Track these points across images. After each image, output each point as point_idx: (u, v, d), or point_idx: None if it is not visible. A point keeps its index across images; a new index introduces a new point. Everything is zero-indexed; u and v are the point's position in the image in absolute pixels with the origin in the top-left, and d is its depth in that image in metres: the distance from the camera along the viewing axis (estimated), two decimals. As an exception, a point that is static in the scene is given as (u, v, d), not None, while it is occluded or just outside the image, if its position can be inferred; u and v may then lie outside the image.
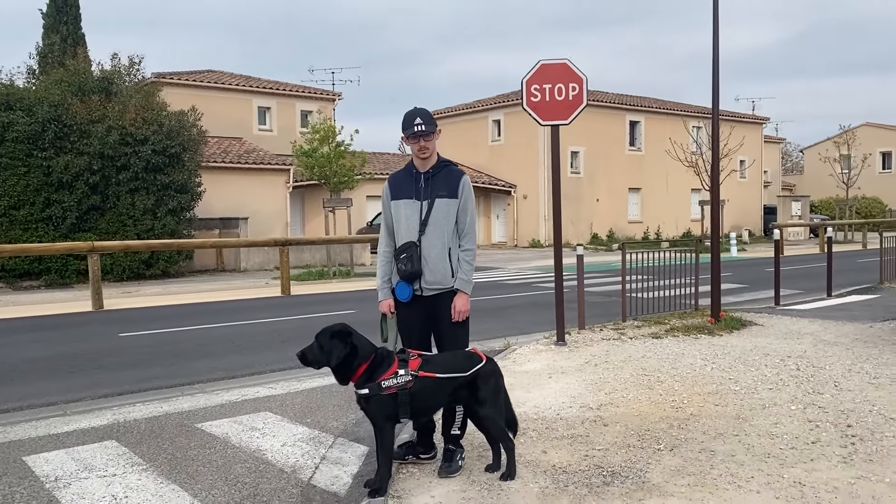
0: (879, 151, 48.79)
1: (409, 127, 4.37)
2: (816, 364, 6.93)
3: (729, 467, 4.21)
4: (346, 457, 4.81)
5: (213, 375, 7.49)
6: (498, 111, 34.67)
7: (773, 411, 5.34)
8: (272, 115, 29.92)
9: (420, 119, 4.36)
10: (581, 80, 8.04)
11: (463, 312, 4.37)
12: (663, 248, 11.57)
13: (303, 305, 13.28)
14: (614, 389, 6.12)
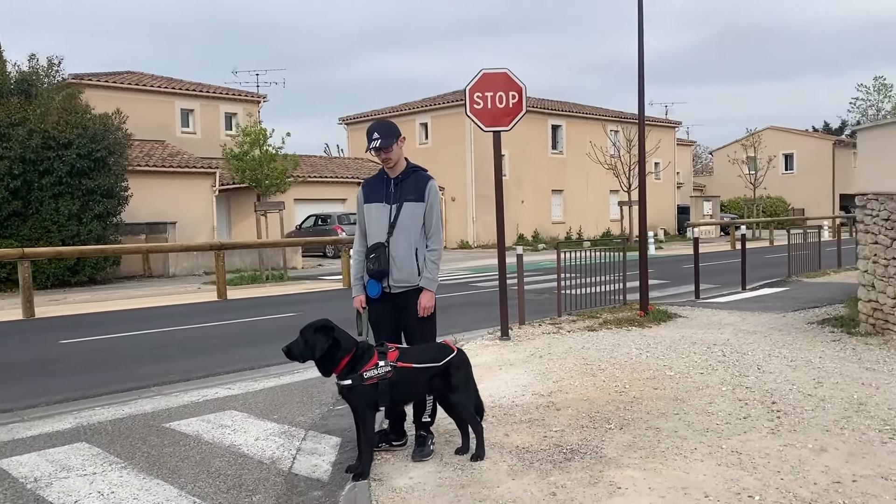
0: (782, 154, 51.68)
1: (368, 142, 4.68)
2: (740, 350, 7.59)
3: (674, 441, 4.70)
4: (321, 447, 5.06)
5: (167, 378, 7.55)
6: (425, 114, 35.09)
7: (706, 392, 5.90)
8: (195, 118, 29.43)
9: (377, 134, 4.66)
10: (520, 89, 8.49)
11: (428, 308, 4.71)
12: (598, 247, 12.16)
13: (242, 309, 13.29)
14: (561, 378, 6.57)
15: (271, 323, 11.46)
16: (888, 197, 8.41)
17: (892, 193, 8.33)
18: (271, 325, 11.17)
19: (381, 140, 4.63)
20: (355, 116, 38.93)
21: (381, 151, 4.65)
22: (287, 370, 7.80)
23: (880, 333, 8.48)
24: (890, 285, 8.39)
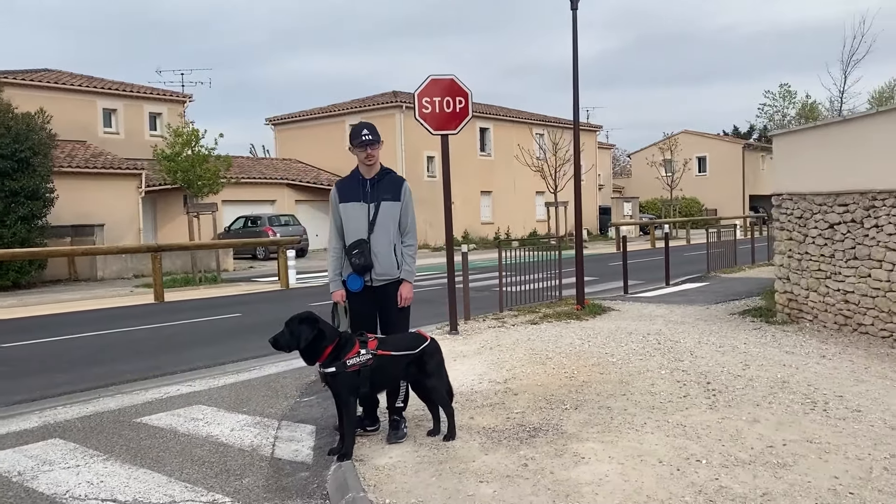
0: (696, 156, 53.95)
1: (357, 137, 4.99)
2: (672, 339, 8.20)
3: (625, 418, 5.18)
4: (298, 435, 5.32)
5: (123, 377, 7.60)
6: (355, 116, 35.11)
7: (647, 376, 6.43)
8: (118, 118, 28.68)
9: (367, 131, 5.00)
10: (466, 94, 8.89)
11: (408, 299, 5.05)
12: (536, 246, 12.69)
13: (182, 311, 13.22)
14: (513, 367, 7.00)
15: (216, 323, 11.49)
16: (801, 197, 9.23)
17: (804, 194, 9.15)
18: (217, 326, 11.22)
19: (372, 136, 4.95)
20: (283, 117, 38.63)
21: (368, 147, 4.95)
22: (245, 367, 7.95)
23: (795, 321, 9.29)
24: (803, 278, 9.21)
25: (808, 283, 9.11)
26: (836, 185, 8.43)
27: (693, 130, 56.10)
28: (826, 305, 8.71)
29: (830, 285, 8.61)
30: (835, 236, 8.50)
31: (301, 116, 37.63)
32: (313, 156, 36.32)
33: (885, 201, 7.57)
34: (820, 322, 8.83)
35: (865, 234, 7.89)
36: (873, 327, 7.83)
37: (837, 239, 8.44)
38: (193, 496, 4.19)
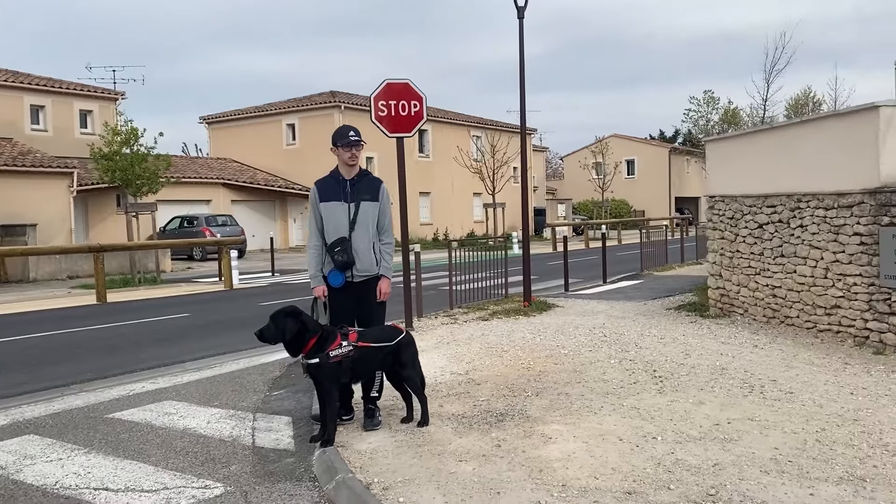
0: (625, 160, 55.67)
1: (344, 137, 5.24)
2: (617, 332, 8.71)
3: (583, 402, 5.59)
4: (275, 425, 5.53)
5: (83, 377, 7.61)
6: (292, 115, 34.97)
7: (598, 365, 6.88)
8: (47, 115, 27.80)
9: (353, 132, 5.27)
10: (421, 98, 9.21)
11: (387, 293, 5.33)
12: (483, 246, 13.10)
13: (129, 312, 13.09)
14: (471, 360, 7.35)
15: (167, 323, 11.46)
16: (732, 199, 9.90)
17: (735, 196, 9.81)
18: (169, 326, 11.20)
19: (358, 137, 5.22)
20: (217, 116, 38.07)
21: (353, 147, 5.21)
22: (206, 365, 8.05)
23: (727, 315, 9.95)
24: (734, 274, 9.88)
25: (739, 279, 9.77)
26: (765, 188, 9.10)
27: (622, 134, 57.85)
28: (756, 300, 9.38)
29: (760, 281, 9.28)
30: (763, 235, 9.16)
31: (236, 115, 37.18)
32: (249, 155, 35.96)
33: (809, 203, 8.24)
34: (750, 315, 9.49)
35: (791, 233, 8.56)
36: (799, 319, 8.50)
37: (766, 238, 9.10)
38: (184, 483, 4.38)
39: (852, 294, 7.51)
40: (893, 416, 5.02)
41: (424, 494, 3.90)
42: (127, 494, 4.21)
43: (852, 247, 7.47)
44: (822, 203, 7.97)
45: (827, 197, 7.89)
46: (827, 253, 7.90)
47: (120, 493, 4.24)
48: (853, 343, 7.42)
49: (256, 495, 4.15)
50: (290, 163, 34.67)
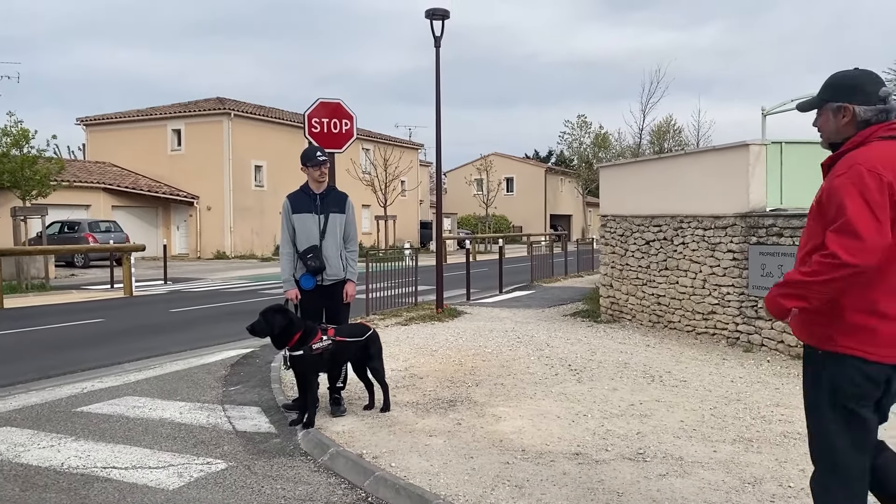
0: (505, 177, 58.01)
1: (313, 158, 5.90)
2: (528, 335, 9.74)
3: (519, 390, 6.51)
4: (248, 414, 6.07)
5: (22, 377, 7.73)
6: (178, 120, 34.26)
7: (522, 361, 7.84)
8: None
9: (320, 153, 5.94)
10: (352, 117, 9.90)
11: (353, 296, 6.03)
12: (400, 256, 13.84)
13: (34, 317, 12.86)
14: (406, 358, 8.12)
15: (84, 328, 11.44)
16: (623, 218, 11.22)
17: (625, 216, 11.14)
18: (87, 330, 11.20)
19: (324, 156, 5.89)
20: (96, 118, 36.62)
21: (322, 166, 5.87)
22: (145, 366, 8.32)
23: (617, 321, 11.25)
24: (624, 284, 11.19)
25: (627, 288, 11.09)
26: (652, 210, 10.45)
27: (502, 153, 60.23)
28: (643, 307, 10.71)
29: (646, 290, 10.61)
30: (650, 251, 10.50)
31: (118, 118, 35.95)
32: (131, 160, 34.87)
33: (690, 224, 9.62)
34: (637, 321, 10.81)
35: (675, 249, 9.92)
36: (680, 324, 9.85)
37: (652, 253, 10.45)
38: (186, 461, 4.89)
39: (726, 302, 8.90)
40: (766, 396, 6.26)
41: (411, 461, 4.66)
42: (137, 471, 4.69)
43: (726, 262, 8.86)
44: (702, 224, 9.35)
45: (705, 219, 9.27)
46: (705, 267, 9.27)
47: (129, 469, 4.71)
48: (727, 343, 8.79)
49: (259, 468, 4.75)
50: (174, 169, 33.94)
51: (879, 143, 2.70)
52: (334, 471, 4.65)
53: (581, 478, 4.32)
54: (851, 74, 2.84)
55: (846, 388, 2.68)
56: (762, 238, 8.31)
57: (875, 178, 2.57)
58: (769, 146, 8.65)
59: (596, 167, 15.29)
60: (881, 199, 2.55)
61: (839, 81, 2.84)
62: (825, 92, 2.87)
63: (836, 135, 2.84)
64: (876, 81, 2.78)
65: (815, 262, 2.62)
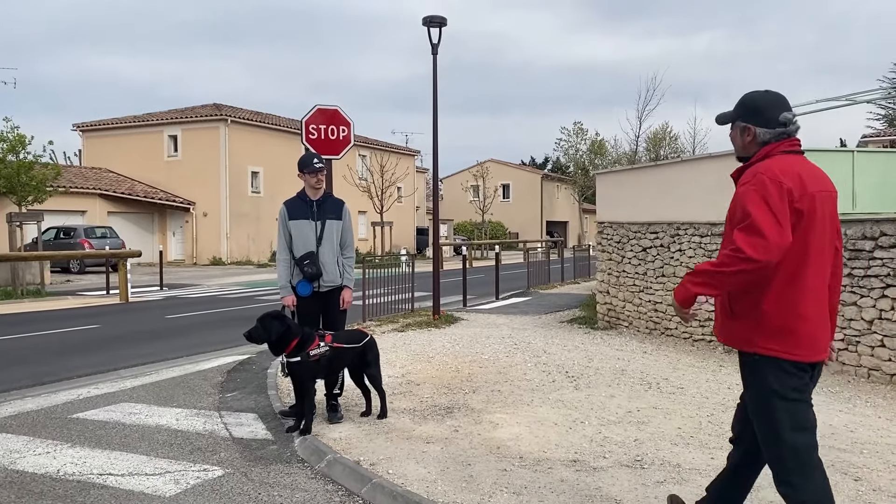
0: (501, 183, 58.14)
1: (310, 165, 5.89)
2: (524, 341, 9.74)
3: (516, 397, 6.51)
4: (245, 421, 6.06)
5: (20, 383, 7.71)
6: (175, 126, 34.25)
7: (519, 368, 7.84)
8: None
9: (317, 159, 5.94)
10: (349, 124, 9.91)
11: (349, 302, 6.02)
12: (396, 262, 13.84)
13: (30, 323, 12.81)
14: (404, 365, 8.11)
15: (79, 334, 11.41)
16: (620, 225, 11.24)
17: (622, 223, 11.16)
18: (82, 336, 11.17)
19: (322, 163, 5.89)
20: (92, 124, 36.61)
21: (318, 173, 5.87)
22: (141, 372, 8.30)
23: (614, 327, 11.25)
24: (621, 291, 11.20)
25: (624, 295, 11.10)
26: (649, 217, 10.48)
27: (498, 159, 60.34)
28: (640, 314, 10.72)
29: (643, 297, 10.62)
30: (647, 258, 10.52)
31: (114, 124, 35.95)
32: (127, 166, 34.85)
33: (686, 231, 9.64)
34: (634, 328, 10.82)
35: (671, 256, 9.94)
36: (677, 331, 9.86)
37: (649, 260, 10.46)
38: (183, 468, 4.88)
39: (722, 308, 8.90)
40: (762, 403, 6.27)
41: (408, 467, 4.65)
42: (134, 478, 4.67)
43: (723, 268, 8.87)
44: (698, 231, 9.38)
45: (702, 226, 9.30)
46: (702, 273, 9.28)
47: (126, 476, 4.70)
48: (723, 350, 8.80)
49: (256, 474, 4.73)
50: (171, 175, 33.93)
51: (782, 156, 2.97)
52: (331, 478, 4.64)
53: (579, 485, 4.31)
54: (758, 97, 3.09)
55: (780, 381, 2.90)
56: (758, 245, 8.32)
57: (776, 185, 2.82)
58: (765, 153, 8.67)
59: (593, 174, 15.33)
60: (781, 204, 2.80)
61: (747, 102, 3.11)
62: (737, 110, 3.13)
63: (743, 150, 3.12)
64: (778, 106, 3.02)
65: (723, 255, 2.86)
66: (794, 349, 2.89)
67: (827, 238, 2.97)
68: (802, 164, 2.98)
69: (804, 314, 2.89)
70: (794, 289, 2.89)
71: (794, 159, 2.98)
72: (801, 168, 2.94)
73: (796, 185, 2.85)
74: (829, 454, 4.85)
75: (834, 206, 3.04)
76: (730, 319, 3.03)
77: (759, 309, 2.91)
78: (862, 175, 9.49)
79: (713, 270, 2.88)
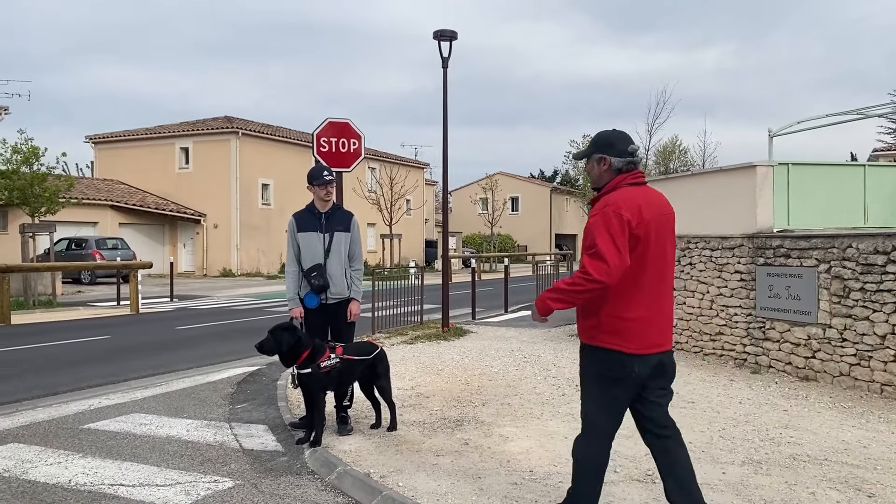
0: (510, 196, 58.17)
1: (319, 178, 5.92)
2: (534, 354, 9.72)
3: (526, 410, 6.49)
4: (255, 432, 6.06)
5: (29, 394, 7.75)
6: (186, 139, 34.49)
7: (528, 381, 7.82)
8: (-79, 126, 26.24)
9: (327, 171, 5.97)
10: (360, 137, 9.95)
11: (356, 314, 6.03)
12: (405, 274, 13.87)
13: (42, 333, 12.89)
14: (413, 377, 8.11)
15: (92, 345, 11.46)
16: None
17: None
18: (94, 347, 11.21)
19: (331, 176, 5.91)
20: (105, 136, 36.92)
21: (327, 185, 5.90)
22: (152, 383, 8.33)
23: (624, 341, 11.20)
24: (631, 305, 11.16)
25: (634, 309, 11.05)
26: (659, 230, 10.44)
27: (507, 172, 60.39)
28: (650, 327, 10.66)
29: (653, 311, 10.57)
30: (657, 271, 10.48)
31: (126, 136, 36.23)
32: (139, 177, 35.09)
33: (697, 244, 9.62)
34: (644, 341, 10.76)
35: (682, 270, 9.91)
36: (687, 345, 9.82)
37: (659, 273, 10.42)
38: (194, 479, 4.89)
39: (733, 323, 8.88)
40: (774, 418, 6.23)
41: (418, 480, 4.65)
42: (144, 489, 4.69)
43: (734, 282, 8.85)
44: (709, 245, 9.35)
45: (713, 240, 9.28)
46: (712, 287, 9.26)
47: (137, 487, 4.71)
48: (734, 364, 8.76)
49: (266, 486, 4.73)
50: (182, 187, 34.14)
51: (627, 189, 3.56)
52: (341, 490, 4.64)
53: (590, 499, 4.29)
54: (609, 134, 3.72)
55: (605, 371, 3.58)
56: (769, 259, 8.31)
57: (618, 218, 3.41)
58: (776, 167, 8.67)
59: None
60: (622, 235, 3.40)
61: (601, 139, 3.71)
62: (592, 146, 3.72)
63: (599, 180, 3.69)
64: (626, 140, 3.67)
65: (575, 276, 3.47)
66: (625, 342, 3.49)
67: (663, 252, 3.59)
68: (644, 193, 3.58)
69: (638, 317, 3.50)
70: (630, 296, 3.49)
71: (636, 191, 3.56)
72: (641, 199, 3.52)
73: (635, 215, 3.43)
74: (842, 470, 4.83)
75: (671, 224, 3.69)
76: (581, 319, 3.67)
77: (601, 312, 3.52)
78: (873, 189, 9.46)
79: (567, 289, 3.48)
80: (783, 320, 8.11)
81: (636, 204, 3.47)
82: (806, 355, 7.81)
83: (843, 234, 7.51)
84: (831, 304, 7.50)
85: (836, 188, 9.33)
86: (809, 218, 8.76)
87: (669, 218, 3.68)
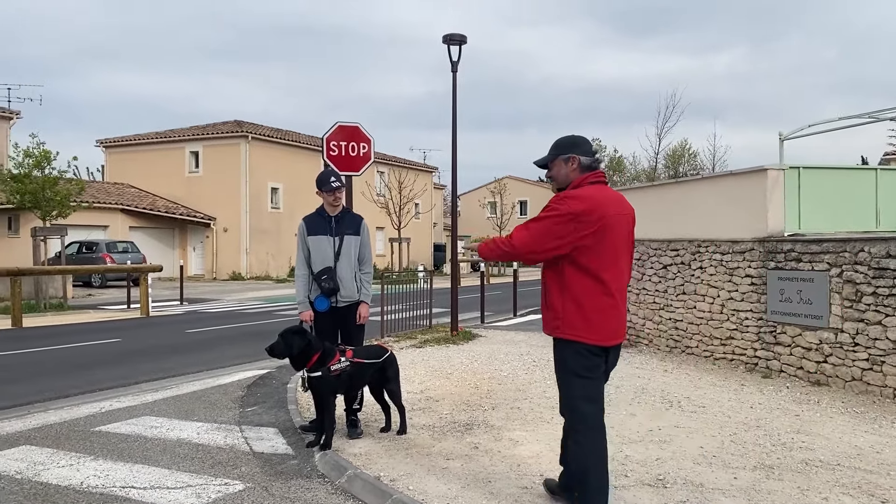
0: (518, 200, 58.15)
1: (327, 183, 5.94)
2: (544, 359, 9.70)
3: (536, 414, 6.48)
4: (266, 435, 6.08)
5: (41, 396, 7.79)
6: (196, 143, 34.66)
7: (538, 385, 7.81)
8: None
9: (335, 177, 5.98)
10: (369, 141, 9.97)
11: (366, 317, 6.04)
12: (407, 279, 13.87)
13: (53, 336, 12.97)
14: (423, 381, 8.11)
15: (103, 348, 11.52)
16: (640, 242, 11.18)
17: (642, 240, 11.10)
18: (106, 350, 11.28)
19: (339, 182, 5.92)
20: (115, 140, 37.12)
21: (336, 191, 5.91)
22: (162, 386, 8.37)
23: (634, 345, 11.18)
24: (641, 309, 11.14)
25: (644, 313, 11.04)
26: (670, 234, 10.43)
27: (516, 176, 60.37)
28: (660, 332, 10.64)
29: (663, 315, 10.55)
30: (667, 275, 10.46)
31: (136, 140, 36.43)
32: (149, 181, 35.26)
33: (707, 248, 9.59)
34: (654, 346, 10.75)
35: (692, 273, 9.88)
36: (697, 349, 9.78)
37: (669, 277, 10.41)
38: (204, 482, 4.90)
39: (744, 327, 8.84)
40: (786, 423, 6.20)
41: (428, 483, 4.64)
42: (156, 491, 4.70)
43: (744, 286, 8.82)
44: (719, 248, 9.32)
45: (723, 243, 9.24)
46: (723, 291, 9.22)
47: (148, 490, 4.73)
48: (745, 368, 8.72)
49: (277, 489, 4.74)
50: (192, 191, 34.28)
51: (589, 187, 3.80)
52: (352, 493, 4.64)
53: None
54: (571, 137, 3.97)
55: (575, 361, 3.82)
56: (780, 263, 8.27)
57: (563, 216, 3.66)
58: (787, 171, 8.64)
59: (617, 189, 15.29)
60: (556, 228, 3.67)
61: (564, 142, 3.94)
62: (555, 150, 3.94)
63: (565, 180, 3.89)
64: (588, 142, 3.95)
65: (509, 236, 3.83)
66: (588, 335, 3.74)
67: (621, 249, 3.84)
68: (604, 192, 3.81)
69: (599, 308, 3.73)
70: (591, 290, 3.72)
71: (597, 189, 3.80)
72: (601, 197, 3.76)
73: (594, 211, 3.66)
74: (854, 475, 4.80)
75: (631, 223, 3.94)
76: (545, 312, 3.93)
77: (564, 305, 3.76)
78: (885, 193, 9.41)
79: (498, 243, 3.90)
80: (794, 324, 8.07)
81: (596, 200, 3.71)
82: (818, 360, 7.77)
83: (854, 238, 7.47)
84: (843, 309, 7.46)
85: (847, 192, 9.29)
86: (820, 222, 8.72)
87: (629, 217, 3.91)
